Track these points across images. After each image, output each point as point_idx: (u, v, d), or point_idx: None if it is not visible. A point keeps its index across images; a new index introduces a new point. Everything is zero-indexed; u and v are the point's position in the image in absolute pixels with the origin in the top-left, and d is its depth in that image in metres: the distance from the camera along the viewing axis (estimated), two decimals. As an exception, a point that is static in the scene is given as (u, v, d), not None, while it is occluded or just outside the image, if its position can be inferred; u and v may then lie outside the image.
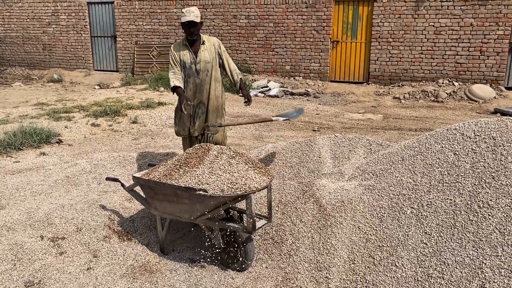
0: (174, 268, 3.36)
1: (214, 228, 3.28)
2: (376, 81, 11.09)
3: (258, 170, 3.27)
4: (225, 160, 3.30)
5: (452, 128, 3.60)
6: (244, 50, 12.13)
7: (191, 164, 3.33)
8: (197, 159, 3.36)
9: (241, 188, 3.01)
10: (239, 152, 3.48)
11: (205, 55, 4.41)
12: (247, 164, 3.30)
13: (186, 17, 4.20)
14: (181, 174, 3.21)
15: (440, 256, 2.85)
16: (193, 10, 4.28)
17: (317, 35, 11.37)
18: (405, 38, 10.66)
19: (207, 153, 3.42)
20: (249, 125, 7.81)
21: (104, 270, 3.28)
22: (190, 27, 4.24)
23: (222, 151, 3.43)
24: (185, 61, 4.37)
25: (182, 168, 3.31)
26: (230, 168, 3.21)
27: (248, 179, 3.12)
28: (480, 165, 3.16)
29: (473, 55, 10.24)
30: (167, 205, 3.33)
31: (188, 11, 4.25)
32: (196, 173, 3.17)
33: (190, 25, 4.23)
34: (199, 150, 3.51)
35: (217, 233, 3.28)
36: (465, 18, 10.15)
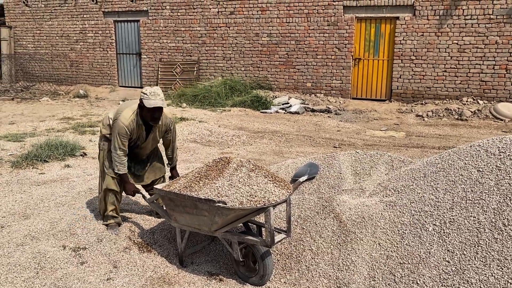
0: (192, 281, 3.36)
1: (233, 241, 3.27)
2: (398, 98, 11.00)
3: (277, 183, 3.26)
4: (245, 173, 3.29)
5: (475, 145, 3.54)
6: (266, 67, 12.23)
7: (211, 176, 3.33)
8: (217, 171, 3.36)
9: (260, 201, 3.01)
10: (258, 165, 3.46)
11: (154, 136, 3.97)
12: (266, 177, 3.30)
13: (151, 101, 3.59)
14: (201, 186, 3.23)
15: (463, 275, 2.77)
16: (158, 92, 3.66)
17: (339, 52, 11.40)
18: (428, 56, 10.58)
19: (227, 166, 3.40)
20: (270, 141, 7.83)
21: (123, 280, 3.31)
22: (155, 113, 3.68)
23: (241, 164, 3.41)
24: (133, 138, 3.85)
25: (202, 180, 3.31)
26: (249, 181, 3.20)
27: (267, 192, 3.12)
28: (505, 182, 3.08)
29: (499, 73, 10.07)
30: (187, 217, 3.35)
31: (153, 93, 3.62)
32: (216, 185, 3.18)
33: (155, 111, 3.66)
34: (219, 162, 3.51)
35: (235, 246, 3.27)
36: (490, 36, 10.03)
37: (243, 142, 7.78)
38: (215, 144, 7.64)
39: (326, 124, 9.31)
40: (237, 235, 3.28)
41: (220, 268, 3.55)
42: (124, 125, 3.73)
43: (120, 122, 3.73)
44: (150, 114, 3.69)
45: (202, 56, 12.96)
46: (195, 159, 6.49)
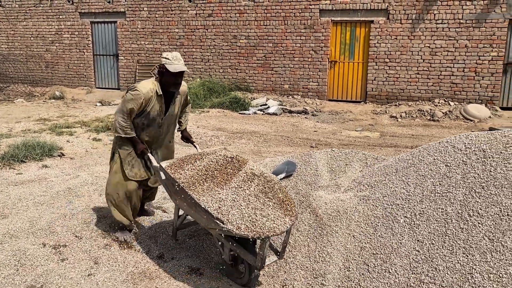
0: (173, 275, 3.43)
1: (226, 245, 3.22)
2: (373, 100, 11.27)
3: (284, 207, 3.12)
4: (253, 191, 3.14)
5: (444, 141, 3.73)
6: (244, 69, 12.35)
7: (217, 180, 3.20)
8: (225, 175, 3.23)
9: (259, 231, 2.86)
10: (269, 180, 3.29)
11: (174, 109, 3.83)
12: (274, 198, 3.15)
13: (175, 66, 3.52)
14: (204, 190, 3.10)
15: (431, 263, 2.93)
16: (179, 56, 3.61)
17: (315, 55, 11.61)
18: (401, 59, 10.89)
19: (237, 173, 3.27)
20: (249, 141, 7.94)
21: (104, 276, 3.35)
22: (179, 78, 3.59)
23: (253, 177, 3.25)
24: (151, 112, 3.67)
25: (208, 181, 3.18)
26: (254, 203, 3.06)
27: (269, 221, 2.96)
28: (471, 176, 3.27)
29: (468, 76, 10.46)
30: (186, 206, 3.27)
31: (175, 58, 3.56)
32: (220, 196, 3.07)
33: (179, 76, 3.58)
34: (230, 164, 3.38)
35: (227, 250, 3.25)
36: (459, 40, 10.40)
37: (221, 142, 7.87)
38: (194, 144, 7.70)
39: (303, 125, 9.48)
40: (231, 242, 3.16)
41: (200, 262, 3.63)
42: (142, 92, 3.54)
43: (137, 89, 3.56)
44: (173, 79, 3.56)
45: (180, 57, 12.98)
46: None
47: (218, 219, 2.89)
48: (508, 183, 3.06)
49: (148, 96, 3.58)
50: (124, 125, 3.64)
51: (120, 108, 3.65)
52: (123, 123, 3.64)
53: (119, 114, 3.65)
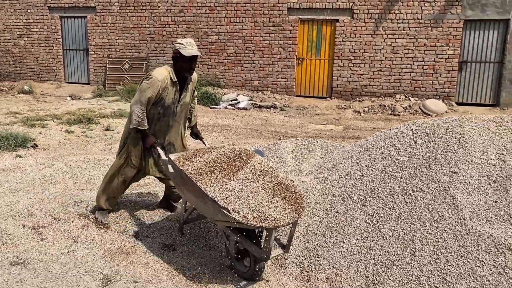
0: (148, 251, 3.71)
1: (231, 237, 3.25)
2: (338, 96, 11.77)
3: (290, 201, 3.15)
4: (261, 184, 3.17)
5: (394, 128, 4.15)
6: (215, 65, 12.62)
7: (225, 171, 3.24)
8: (233, 168, 3.28)
9: (265, 222, 2.91)
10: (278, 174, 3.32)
11: (187, 97, 3.88)
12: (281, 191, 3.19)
13: (189, 50, 3.58)
14: (212, 181, 3.15)
15: (380, 232, 3.33)
16: (193, 42, 3.69)
17: (284, 52, 12.01)
18: (365, 56, 11.42)
19: (245, 165, 3.31)
20: (219, 134, 8.23)
21: (83, 252, 3.60)
22: (193, 63, 3.66)
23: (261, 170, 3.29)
24: (166, 100, 3.73)
25: (216, 173, 3.22)
26: (261, 195, 3.08)
27: (275, 212, 3.00)
28: (416, 157, 3.69)
29: (427, 73, 11.08)
30: (193, 197, 3.31)
31: (189, 43, 3.63)
32: (227, 186, 3.10)
33: (193, 60, 3.64)
34: (238, 156, 3.41)
35: (232, 242, 3.28)
36: (419, 39, 11.01)
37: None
38: (165, 136, 7.94)
39: (272, 119, 9.85)
40: (237, 235, 3.20)
41: (173, 240, 3.92)
42: (158, 79, 3.60)
43: (153, 77, 3.61)
44: (187, 64, 3.61)
45: (151, 53, 13.14)
46: (146, 149, 6.78)
47: (224, 208, 2.91)
48: (446, 163, 3.49)
49: (164, 83, 3.62)
50: (141, 116, 3.65)
51: (137, 99, 3.65)
52: (140, 115, 3.64)
53: (137, 105, 3.64)
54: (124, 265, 3.45)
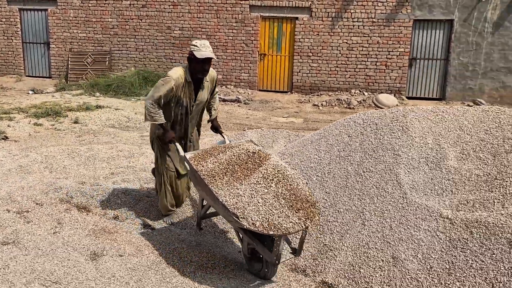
0: (129, 230, 4.07)
1: (244, 238, 3.32)
2: (298, 90, 12.34)
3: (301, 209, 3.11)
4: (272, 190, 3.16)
5: (347, 118, 4.70)
6: (179, 59, 12.88)
7: (236, 174, 3.25)
8: (246, 170, 3.29)
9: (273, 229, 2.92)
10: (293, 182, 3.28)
11: (203, 95, 3.95)
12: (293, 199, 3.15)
13: (202, 52, 3.62)
14: (223, 184, 3.18)
15: (335, 207, 3.85)
16: (208, 44, 3.72)
17: (246, 48, 12.44)
18: (322, 53, 12.04)
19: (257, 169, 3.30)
20: (185, 126, 8.59)
21: (69, 232, 3.91)
22: (206, 65, 3.70)
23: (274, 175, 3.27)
24: (182, 99, 3.83)
25: (228, 175, 3.25)
26: (272, 202, 3.08)
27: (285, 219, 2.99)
28: (366, 143, 4.24)
29: (380, 69, 11.84)
30: (207, 196, 3.37)
31: (203, 45, 3.67)
32: (238, 191, 3.12)
33: (206, 62, 3.69)
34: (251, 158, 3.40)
35: (245, 243, 3.35)
36: (372, 37, 11.74)
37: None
38: (133, 129, 8.21)
39: (236, 112, 10.28)
40: (249, 237, 3.23)
41: (152, 220, 4.29)
42: (173, 78, 3.69)
43: (169, 76, 3.72)
44: (200, 65, 3.67)
45: (114, 47, 13.22)
46: (116, 141, 7.04)
47: (234, 214, 2.95)
48: (392, 147, 4.06)
49: (179, 82, 3.72)
50: (152, 111, 3.73)
51: (150, 95, 3.76)
52: (150, 109, 3.73)
53: (148, 100, 3.75)
54: (108, 242, 3.80)
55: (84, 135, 7.36)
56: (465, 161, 3.73)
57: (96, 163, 5.73)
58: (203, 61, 3.66)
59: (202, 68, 3.70)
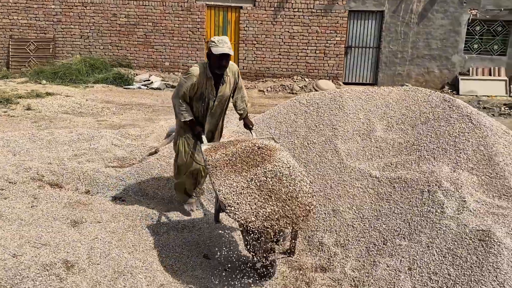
0: (102, 202, 4.50)
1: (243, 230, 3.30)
2: (244, 77, 12.93)
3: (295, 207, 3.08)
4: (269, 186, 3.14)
5: (293, 99, 5.38)
6: (125, 46, 13.01)
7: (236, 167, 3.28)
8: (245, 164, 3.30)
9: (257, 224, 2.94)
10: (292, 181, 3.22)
11: (225, 90, 4.02)
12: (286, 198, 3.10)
13: (219, 48, 3.70)
14: (222, 174, 3.24)
15: (285, 174, 4.52)
16: (226, 40, 3.79)
17: (193, 35, 12.82)
18: (266, 41, 12.70)
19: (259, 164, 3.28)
20: (138, 112, 8.92)
21: (46, 206, 4.28)
22: (223, 60, 3.75)
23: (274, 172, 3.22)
24: (204, 94, 3.93)
25: (228, 167, 3.29)
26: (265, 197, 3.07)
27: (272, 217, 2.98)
28: (309, 120, 4.94)
29: (319, 57, 12.71)
30: None
31: (221, 41, 3.74)
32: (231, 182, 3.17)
33: (223, 58, 3.74)
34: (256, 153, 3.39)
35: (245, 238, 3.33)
36: (312, 26, 12.55)
37: (113, 112, 8.73)
38: (87, 114, 8.44)
39: (185, 98, 10.71)
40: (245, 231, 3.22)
41: (122, 193, 4.74)
42: (194, 74, 3.82)
43: (190, 72, 3.85)
44: (217, 61, 3.74)
45: (58, 34, 13.08)
46: (73, 126, 7.30)
47: (222, 203, 3.04)
48: (331, 122, 4.78)
49: (200, 78, 3.83)
50: (181, 108, 3.91)
51: (175, 94, 3.94)
52: (179, 107, 3.91)
53: (175, 99, 3.93)
54: (85, 212, 4.23)
55: (39, 121, 7.53)
56: (390, 132, 4.53)
57: (58, 146, 6.01)
58: (220, 57, 3.72)
59: (219, 64, 3.76)
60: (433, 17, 12.38)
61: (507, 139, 4.04)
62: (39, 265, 3.18)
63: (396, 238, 3.41)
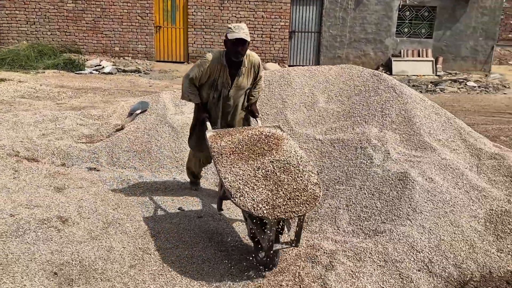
0: (79, 172, 4.99)
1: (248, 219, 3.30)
2: (194, 60, 13.42)
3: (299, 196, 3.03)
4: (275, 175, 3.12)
5: (247, 77, 6.05)
6: (73, 32, 13.05)
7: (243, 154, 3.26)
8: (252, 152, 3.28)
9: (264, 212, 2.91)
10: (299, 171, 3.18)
11: (242, 81, 3.89)
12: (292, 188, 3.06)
13: (234, 33, 3.59)
14: (228, 161, 3.22)
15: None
16: (242, 26, 3.68)
17: (142, 20, 13.10)
18: (215, 26, 13.24)
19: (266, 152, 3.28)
20: (95, 94, 9.24)
21: (28, 176, 4.70)
22: (238, 46, 3.63)
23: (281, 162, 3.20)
24: (217, 83, 3.85)
25: (234, 155, 3.26)
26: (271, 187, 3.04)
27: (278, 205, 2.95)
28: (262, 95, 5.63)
29: (266, 41, 13.43)
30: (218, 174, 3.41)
31: (237, 27, 3.64)
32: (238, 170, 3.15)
33: (238, 44, 3.62)
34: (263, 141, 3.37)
35: (248, 226, 3.32)
36: (258, 12, 13.23)
37: (70, 96, 8.99)
38: (45, 98, 8.66)
39: (139, 81, 11.08)
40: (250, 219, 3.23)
41: (96, 165, 5.23)
42: (208, 59, 3.77)
43: (205, 57, 3.82)
44: (232, 47, 3.64)
45: (3, 20, 12.87)
46: (34, 109, 7.56)
47: (228, 191, 3.02)
48: (281, 96, 5.52)
49: (214, 64, 3.76)
50: (188, 90, 3.91)
51: (186, 73, 3.93)
52: (186, 87, 3.91)
53: (184, 78, 3.94)
54: (66, 180, 4.70)
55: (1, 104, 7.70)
56: (330, 103, 5.34)
57: (24, 127, 6.33)
58: (235, 43, 3.62)
59: (235, 50, 3.65)
60: (368, 3, 13.44)
61: (423, 105, 4.97)
62: (37, 221, 3.68)
63: (336, 185, 4.22)
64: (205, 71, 3.80)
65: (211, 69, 3.79)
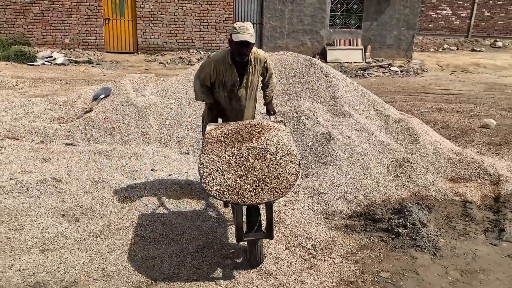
0: (58, 147, 5.76)
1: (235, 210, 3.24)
2: (144, 51, 14.09)
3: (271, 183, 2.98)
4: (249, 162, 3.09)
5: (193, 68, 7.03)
6: (22, 24, 13.27)
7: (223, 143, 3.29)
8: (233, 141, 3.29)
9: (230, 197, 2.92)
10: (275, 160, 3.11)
11: (251, 80, 3.92)
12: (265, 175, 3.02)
13: (239, 35, 3.55)
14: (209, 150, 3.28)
15: (200, 117, 6.21)
16: (248, 27, 3.61)
17: (91, 13, 13.55)
18: (162, 18, 13.95)
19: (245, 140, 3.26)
20: (53, 84, 9.78)
21: (14, 151, 5.42)
22: (242, 48, 3.61)
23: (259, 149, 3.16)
24: (226, 82, 3.87)
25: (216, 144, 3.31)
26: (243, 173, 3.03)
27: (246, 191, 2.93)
28: (214, 78, 6.64)
29: (211, 32, 14.34)
30: None
31: (242, 28, 3.58)
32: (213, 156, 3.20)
33: (242, 45, 3.60)
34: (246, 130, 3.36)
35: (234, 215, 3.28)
36: (203, 4, 14.10)
37: (29, 86, 9.49)
38: (5, 88, 9.12)
39: (93, 71, 11.66)
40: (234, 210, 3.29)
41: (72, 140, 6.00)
42: (213, 59, 3.79)
43: (211, 57, 3.87)
44: (236, 48, 3.63)
45: None
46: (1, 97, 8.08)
47: (200, 174, 3.09)
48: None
49: (219, 63, 3.78)
50: (201, 90, 3.95)
51: (196, 74, 3.98)
52: (198, 88, 3.97)
53: (194, 79, 4.01)
54: (49, 153, 5.48)
55: None
56: (271, 83, 6.44)
57: (-5, 113, 6.92)
58: (240, 44, 3.60)
59: (239, 51, 3.64)
60: (304, -3, 14.72)
61: (344, 83, 6.20)
62: (36, 181, 4.51)
63: (278, 146, 5.34)
64: (212, 70, 3.83)
65: (217, 68, 3.82)
